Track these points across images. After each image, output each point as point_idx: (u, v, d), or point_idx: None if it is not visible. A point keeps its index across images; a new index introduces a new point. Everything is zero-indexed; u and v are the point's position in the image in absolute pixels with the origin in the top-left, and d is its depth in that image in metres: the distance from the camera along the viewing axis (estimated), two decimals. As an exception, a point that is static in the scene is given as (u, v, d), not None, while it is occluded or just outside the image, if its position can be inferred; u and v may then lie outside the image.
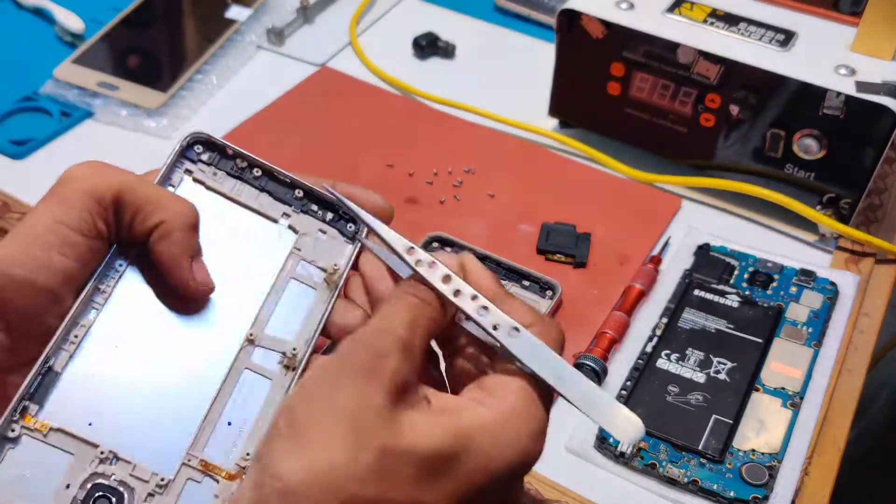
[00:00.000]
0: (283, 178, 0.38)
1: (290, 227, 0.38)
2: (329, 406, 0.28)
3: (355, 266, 0.39)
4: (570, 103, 0.69)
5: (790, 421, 0.50)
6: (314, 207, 0.38)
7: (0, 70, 0.76)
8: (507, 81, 0.77)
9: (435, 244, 0.59)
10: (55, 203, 0.32)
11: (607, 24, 0.63)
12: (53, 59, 0.75)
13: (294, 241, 0.38)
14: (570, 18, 0.64)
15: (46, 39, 0.81)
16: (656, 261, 0.59)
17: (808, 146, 0.60)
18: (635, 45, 0.63)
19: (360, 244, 0.38)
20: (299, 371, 0.35)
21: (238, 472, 0.33)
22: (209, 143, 0.37)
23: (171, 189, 0.36)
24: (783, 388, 0.51)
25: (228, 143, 0.37)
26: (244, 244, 0.37)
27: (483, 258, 0.58)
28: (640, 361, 0.53)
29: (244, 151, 0.37)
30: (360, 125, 0.72)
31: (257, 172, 0.38)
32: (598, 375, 0.51)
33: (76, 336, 0.33)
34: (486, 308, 0.32)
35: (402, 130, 0.71)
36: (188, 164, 0.37)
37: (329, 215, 0.39)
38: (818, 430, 0.50)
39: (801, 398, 0.51)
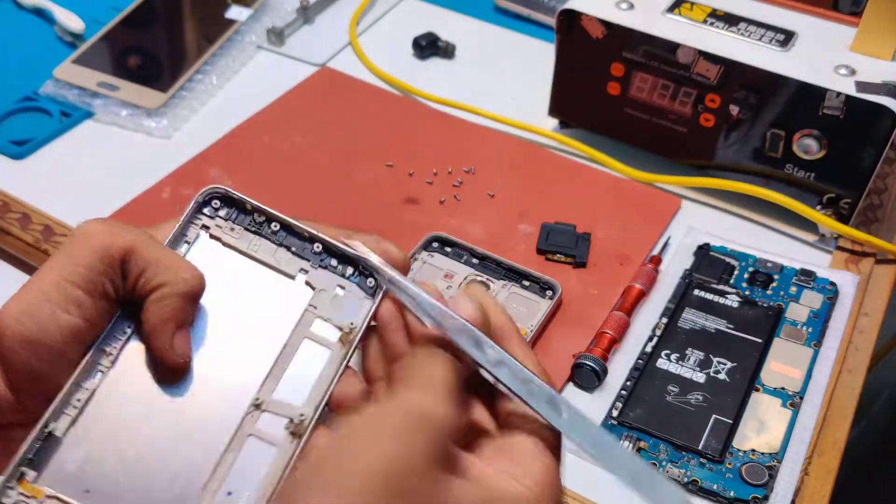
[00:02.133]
0: (302, 232, 0.36)
1: (307, 283, 0.36)
2: (368, 461, 0.27)
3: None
4: (570, 103, 0.69)
5: (790, 421, 0.50)
6: (333, 262, 0.36)
7: (0, 70, 0.76)
8: (507, 81, 0.77)
9: (435, 244, 0.59)
10: (64, 260, 0.32)
11: (607, 24, 0.63)
12: (53, 59, 0.75)
13: (310, 298, 0.36)
14: (570, 18, 0.64)
15: (46, 39, 0.81)
16: (656, 261, 0.59)
17: (808, 146, 0.60)
18: (635, 45, 0.63)
19: (379, 300, 0.36)
20: (304, 438, 0.33)
21: None
22: (227, 199, 0.36)
23: (186, 245, 0.35)
24: (783, 388, 0.51)
25: (247, 198, 0.36)
26: (259, 302, 0.36)
27: (483, 258, 0.58)
28: (640, 361, 0.53)
29: (262, 206, 0.36)
30: (360, 125, 0.72)
31: (275, 227, 0.36)
32: (598, 375, 0.51)
33: (79, 400, 0.32)
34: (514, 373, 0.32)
35: (402, 130, 0.71)
36: (205, 220, 0.36)
37: (349, 270, 0.36)
38: (818, 430, 0.50)
39: (801, 398, 0.51)
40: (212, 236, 0.36)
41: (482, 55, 0.80)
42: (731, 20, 0.63)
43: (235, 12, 0.82)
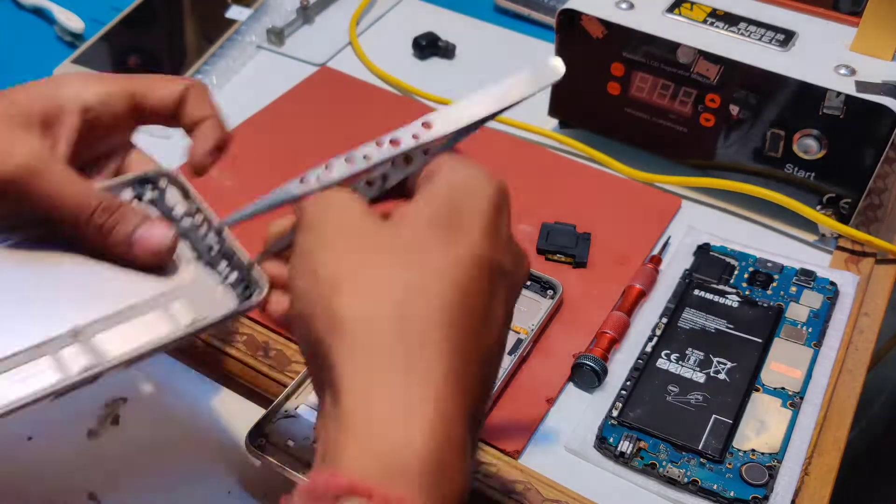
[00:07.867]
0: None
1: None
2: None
3: None
4: (570, 103, 0.69)
5: (790, 421, 0.50)
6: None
7: (0, 70, 0.76)
8: (507, 81, 0.77)
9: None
10: None
11: (607, 24, 0.63)
12: (53, 59, 0.75)
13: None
14: (570, 18, 0.64)
15: (46, 39, 0.81)
16: (656, 261, 0.59)
17: (808, 146, 0.60)
18: (635, 45, 0.63)
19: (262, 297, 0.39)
20: None
21: None
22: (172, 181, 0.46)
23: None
24: (783, 388, 0.51)
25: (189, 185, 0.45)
26: None
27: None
28: (640, 361, 0.53)
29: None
30: (360, 125, 0.72)
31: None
32: (598, 375, 0.51)
33: None
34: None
35: (402, 130, 0.71)
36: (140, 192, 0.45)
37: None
38: (818, 430, 0.50)
39: (801, 398, 0.51)
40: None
41: (482, 55, 0.80)
42: (731, 20, 0.63)
43: (235, 12, 0.82)
